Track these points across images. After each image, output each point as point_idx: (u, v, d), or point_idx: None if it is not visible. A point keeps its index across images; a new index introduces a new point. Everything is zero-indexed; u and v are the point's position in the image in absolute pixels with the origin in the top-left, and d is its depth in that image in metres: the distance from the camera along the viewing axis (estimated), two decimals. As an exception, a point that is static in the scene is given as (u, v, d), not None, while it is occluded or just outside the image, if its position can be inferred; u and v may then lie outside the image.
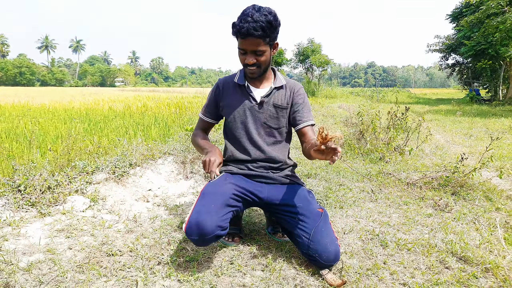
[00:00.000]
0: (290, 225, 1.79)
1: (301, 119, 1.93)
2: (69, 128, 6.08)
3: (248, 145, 1.94)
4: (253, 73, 1.84)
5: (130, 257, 1.78)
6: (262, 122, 1.94)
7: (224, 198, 1.71)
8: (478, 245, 2.00)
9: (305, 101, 1.99)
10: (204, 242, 1.61)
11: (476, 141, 6.03)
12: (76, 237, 1.97)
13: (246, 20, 1.68)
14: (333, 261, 1.67)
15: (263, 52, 1.78)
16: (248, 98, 1.94)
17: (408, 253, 1.93)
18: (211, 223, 1.57)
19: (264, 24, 1.69)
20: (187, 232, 1.59)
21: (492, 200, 2.81)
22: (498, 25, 13.37)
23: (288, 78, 2.06)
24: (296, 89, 1.99)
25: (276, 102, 1.94)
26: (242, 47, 1.77)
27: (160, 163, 3.26)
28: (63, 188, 2.51)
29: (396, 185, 3.16)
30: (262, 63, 1.82)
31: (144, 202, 2.62)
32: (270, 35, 1.75)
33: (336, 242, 1.70)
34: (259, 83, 1.97)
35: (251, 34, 1.68)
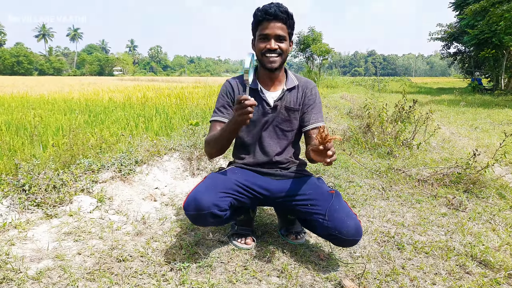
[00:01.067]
0: (304, 213, 1.78)
1: (308, 121, 1.89)
2: (69, 120, 6.01)
3: (257, 152, 1.92)
4: (274, 62, 1.78)
5: (141, 262, 1.73)
6: (275, 125, 1.90)
7: (227, 183, 1.73)
8: (498, 247, 1.95)
9: (316, 102, 1.93)
10: (200, 218, 1.62)
11: (482, 133, 5.97)
12: (85, 241, 1.92)
13: (270, 5, 1.75)
14: (355, 235, 1.64)
15: (285, 39, 1.78)
16: (261, 102, 1.87)
17: (427, 257, 1.87)
18: (209, 199, 1.61)
19: (288, 11, 1.77)
20: (185, 208, 1.63)
21: (505, 198, 2.76)
22: (503, 13, 13.18)
23: (301, 77, 2.00)
24: (309, 89, 1.94)
25: (288, 104, 1.89)
26: (266, 32, 1.74)
27: (166, 159, 3.19)
28: (68, 187, 2.44)
29: (407, 181, 3.11)
30: (284, 51, 1.79)
31: (151, 201, 2.56)
32: (291, 25, 1.80)
33: (354, 216, 1.68)
34: (271, 84, 1.90)
35: (277, 15, 1.71)
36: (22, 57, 70.85)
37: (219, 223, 1.75)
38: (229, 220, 1.85)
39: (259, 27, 1.77)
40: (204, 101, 9.57)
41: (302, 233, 2.06)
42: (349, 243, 1.69)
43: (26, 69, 70.55)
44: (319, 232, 1.76)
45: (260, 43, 1.77)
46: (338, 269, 1.75)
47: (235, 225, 2.01)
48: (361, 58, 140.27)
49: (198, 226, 2.07)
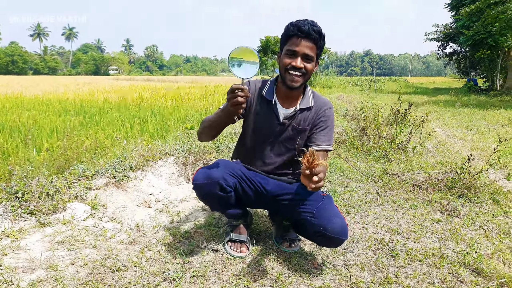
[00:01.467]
0: (294, 212, 1.83)
1: (315, 142, 1.85)
2: (64, 121, 5.98)
3: (258, 161, 1.97)
4: (296, 81, 1.74)
5: (135, 272, 1.72)
6: (280, 141, 1.91)
7: (235, 168, 1.86)
8: (491, 255, 1.96)
9: (328, 124, 1.88)
10: (208, 187, 1.73)
11: (477, 135, 6.00)
12: (78, 250, 1.91)
13: (305, 22, 1.70)
14: (339, 234, 1.68)
15: (312, 59, 1.74)
16: (272, 116, 1.87)
17: (420, 264, 1.88)
18: (218, 172, 1.75)
19: (321, 32, 1.72)
20: (195, 178, 1.76)
21: (499, 203, 2.77)
22: (498, 15, 13.25)
23: (320, 97, 1.94)
24: (322, 111, 1.89)
25: (297, 125, 1.88)
26: (295, 48, 1.70)
27: (160, 164, 3.18)
28: (62, 194, 2.43)
29: (401, 186, 3.12)
30: (308, 71, 1.75)
31: (146, 208, 2.55)
32: (321, 46, 1.76)
33: (341, 216, 1.74)
34: (287, 100, 1.88)
35: (310, 34, 1.68)
36: (16, 56, 70.37)
37: (224, 201, 1.82)
38: (233, 207, 1.92)
39: (289, 42, 1.72)
40: (200, 102, 9.56)
41: (296, 241, 2.06)
42: (334, 242, 1.73)
43: (20, 69, 70.07)
44: (308, 231, 1.80)
45: (286, 58, 1.73)
46: (332, 278, 1.75)
47: (231, 232, 2.01)
48: (358, 58, 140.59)
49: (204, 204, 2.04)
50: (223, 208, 1.92)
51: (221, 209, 1.95)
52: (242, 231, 2.01)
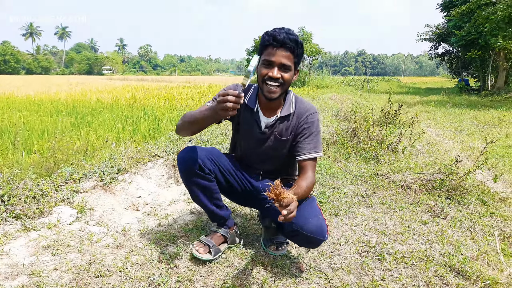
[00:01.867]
0: (276, 212, 1.77)
1: (300, 151, 1.82)
2: (55, 122, 5.92)
3: (246, 165, 1.99)
4: (274, 92, 1.70)
5: (119, 277, 1.71)
6: (263, 150, 1.91)
7: (219, 156, 1.89)
8: (476, 257, 1.98)
9: (312, 130, 1.84)
10: (187, 164, 1.76)
11: (467, 136, 6.04)
12: (63, 255, 1.89)
13: (281, 31, 1.66)
14: (316, 233, 1.66)
15: (289, 69, 1.70)
16: (254, 124, 1.87)
17: (406, 267, 1.89)
18: (198, 153, 1.79)
19: (298, 40, 1.69)
20: (178, 156, 1.81)
21: (486, 204, 2.79)
22: (489, 16, 13.36)
23: (302, 102, 1.90)
24: (304, 117, 1.84)
25: (279, 134, 1.86)
26: (271, 58, 1.66)
27: (150, 167, 3.17)
28: (48, 198, 2.40)
29: (390, 188, 3.13)
30: (286, 81, 1.71)
31: (134, 211, 2.53)
32: (298, 54, 1.72)
33: (320, 217, 1.74)
34: (269, 109, 1.86)
35: (286, 43, 1.64)
36: (8, 55, 69.57)
37: (204, 184, 1.83)
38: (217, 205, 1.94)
39: (265, 52, 1.69)
40: (193, 103, 9.52)
41: (284, 244, 2.06)
42: (312, 242, 1.71)
43: (13, 68, 69.30)
44: (286, 229, 1.77)
45: (262, 68, 1.70)
46: (318, 281, 1.75)
47: (205, 236, 1.99)
48: (351, 58, 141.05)
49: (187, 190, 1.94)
50: (205, 199, 1.87)
51: (203, 201, 1.87)
52: (215, 238, 1.96)
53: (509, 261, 1.93)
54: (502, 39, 13.71)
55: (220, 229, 1.99)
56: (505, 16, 12.59)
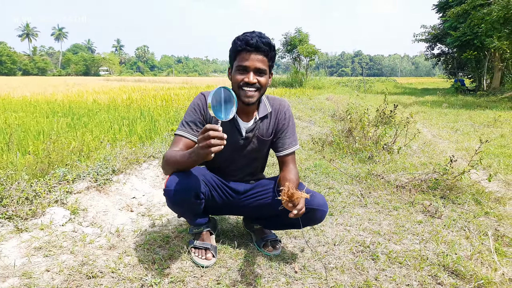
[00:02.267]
0: (270, 206, 1.83)
1: (282, 147, 1.88)
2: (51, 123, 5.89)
3: (227, 174, 1.96)
4: (251, 96, 1.68)
5: (112, 279, 1.69)
6: (245, 154, 1.91)
7: (205, 174, 1.83)
8: (470, 256, 1.98)
9: (290, 125, 1.91)
10: (182, 195, 1.64)
11: (462, 136, 6.07)
12: (55, 256, 1.87)
13: (252, 35, 1.64)
14: (323, 206, 1.76)
15: (265, 72, 1.69)
16: (235, 132, 1.83)
17: (400, 267, 1.89)
18: (193, 180, 1.66)
19: (271, 43, 1.68)
20: (168, 184, 1.63)
21: (481, 204, 2.80)
22: (484, 16, 13.43)
23: (274, 99, 1.92)
24: (281, 113, 1.90)
25: (261, 135, 1.88)
26: (245, 64, 1.64)
27: (145, 167, 3.15)
28: (42, 199, 2.38)
29: (385, 188, 3.13)
30: (263, 85, 1.70)
31: (128, 212, 2.52)
32: (272, 57, 1.72)
33: (317, 193, 1.81)
34: (245, 114, 1.84)
35: (259, 47, 1.63)
36: (5, 56, 69.21)
37: (195, 208, 1.77)
38: (199, 216, 1.90)
39: (238, 57, 1.66)
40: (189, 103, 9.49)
41: (278, 243, 2.06)
42: (319, 216, 1.78)
43: (9, 69, 68.95)
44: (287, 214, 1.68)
45: (237, 74, 1.67)
46: (312, 281, 1.75)
47: (194, 239, 1.96)
48: (348, 59, 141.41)
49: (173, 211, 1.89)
50: (191, 216, 1.88)
51: (190, 217, 1.90)
52: (206, 238, 1.96)
53: (502, 261, 1.93)
54: (497, 40, 13.79)
55: (201, 227, 1.97)
56: (500, 16, 12.66)
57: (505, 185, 3.32)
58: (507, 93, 15.29)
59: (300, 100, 10.58)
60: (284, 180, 1.74)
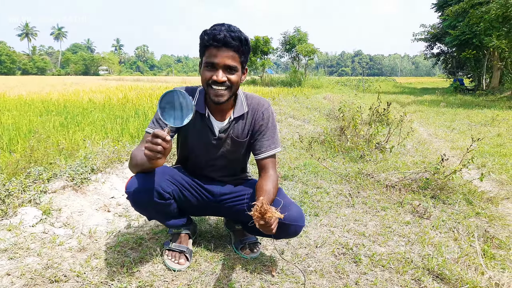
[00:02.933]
0: (245, 211, 1.66)
1: (260, 149, 1.73)
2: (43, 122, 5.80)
3: (202, 176, 1.84)
4: (221, 95, 1.55)
5: (76, 283, 1.60)
6: (220, 155, 1.78)
7: (175, 175, 1.70)
8: (457, 259, 1.89)
9: (269, 126, 1.75)
10: (143, 194, 1.54)
11: (459, 135, 5.98)
12: (20, 258, 1.78)
13: (221, 29, 1.49)
14: (298, 220, 1.62)
15: (236, 69, 1.55)
16: (207, 132, 1.72)
17: (383, 270, 1.80)
18: (154, 179, 1.55)
19: (242, 37, 1.52)
20: (128, 186, 1.56)
21: (472, 204, 2.71)
22: (483, 15, 13.34)
23: (253, 97, 1.78)
24: (259, 114, 1.74)
25: (235, 136, 1.74)
26: (214, 60, 1.50)
27: (126, 166, 3.06)
28: (14, 199, 2.29)
29: (375, 187, 3.04)
30: (234, 84, 1.56)
31: (104, 212, 2.43)
32: (244, 52, 1.57)
33: (295, 204, 1.69)
34: (219, 113, 1.72)
35: (227, 42, 1.48)
36: (4, 56, 69.09)
37: (163, 209, 1.66)
38: (174, 217, 1.77)
39: (206, 53, 1.53)
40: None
41: (257, 246, 1.97)
42: (294, 230, 1.65)
43: (8, 69, 68.82)
44: None
45: (206, 71, 1.54)
46: (289, 285, 1.66)
47: (170, 241, 1.88)
48: (348, 58, 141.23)
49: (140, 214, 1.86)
50: (162, 218, 1.76)
51: (160, 219, 1.78)
52: (183, 240, 1.87)
53: (490, 263, 1.85)
54: (496, 39, 13.69)
55: (180, 228, 1.88)
56: (499, 15, 12.56)
57: (498, 184, 3.23)
58: (506, 92, 15.19)
59: (297, 99, 10.49)
60: (260, 190, 1.58)
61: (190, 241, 1.92)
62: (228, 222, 2.13)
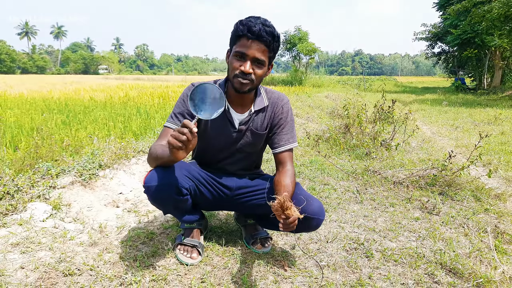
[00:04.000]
0: (264, 206, 1.69)
1: (278, 143, 1.74)
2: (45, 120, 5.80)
3: (219, 169, 1.84)
4: (245, 85, 1.56)
5: (90, 276, 1.60)
6: (238, 148, 1.79)
7: (191, 170, 1.68)
8: (469, 254, 1.89)
9: (287, 120, 1.77)
10: (162, 191, 1.55)
11: (462, 133, 5.97)
12: (33, 252, 1.78)
13: (256, 22, 1.50)
14: (319, 214, 1.64)
15: (263, 63, 1.56)
16: (227, 124, 1.72)
17: (395, 265, 1.80)
18: (173, 174, 1.56)
19: (275, 33, 1.54)
20: (146, 180, 1.55)
21: (480, 200, 2.71)
22: (485, 14, 13.33)
23: (273, 92, 1.81)
24: (279, 107, 1.76)
25: (255, 128, 1.75)
26: (244, 51, 1.51)
27: (133, 162, 3.06)
28: (24, 194, 2.29)
29: (382, 184, 3.04)
30: (258, 77, 1.57)
31: (113, 208, 2.42)
32: (274, 48, 1.59)
33: (316, 198, 1.70)
34: (240, 105, 1.73)
35: (261, 36, 1.49)
36: (4, 55, 68.96)
37: (179, 205, 1.66)
38: (188, 212, 1.79)
39: (238, 42, 1.53)
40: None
41: (268, 241, 1.96)
42: (314, 224, 1.66)
43: (8, 68, 68.70)
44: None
45: (234, 60, 1.55)
46: (302, 280, 1.65)
47: (182, 235, 1.88)
48: (348, 57, 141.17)
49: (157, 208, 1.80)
50: (178, 213, 1.77)
51: (175, 214, 1.79)
52: (195, 235, 1.86)
53: (503, 258, 1.84)
54: (498, 38, 13.68)
55: (194, 223, 1.88)
56: (501, 14, 12.55)
57: (506, 181, 3.23)
58: (508, 92, 15.18)
59: (299, 97, 10.48)
60: (279, 185, 1.60)
61: (202, 236, 1.92)
62: (239, 217, 2.13)
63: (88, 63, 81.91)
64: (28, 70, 74.03)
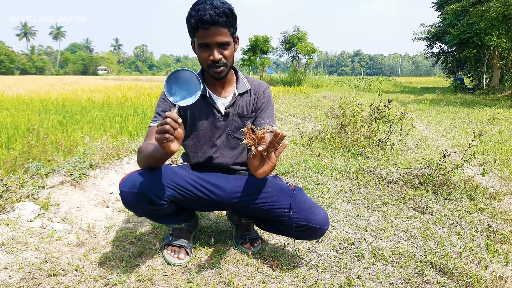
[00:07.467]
0: (266, 211, 1.67)
1: (261, 125, 1.75)
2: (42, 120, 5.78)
3: (211, 163, 1.80)
4: (221, 72, 1.59)
5: (74, 277, 1.58)
6: (228, 134, 1.77)
7: (175, 177, 1.58)
8: (459, 253, 1.86)
9: (269, 104, 1.81)
10: (134, 198, 1.47)
11: (460, 133, 5.96)
12: (18, 253, 1.76)
13: (205, 8, 1.47)
14: (324, 224, 1.63)
15: (228, 44, 1.56)
16: (211, 110, 1.72)
17: (385, 264, 1.77)
18: (149, 182, 1.48)
19: (227, 11, 1.51)
20: (121, 185, 1.49)
21: (474, 199, 2.69)
22: (483, 13, 13.32)
23: (253, 79, 1.85)
24: (261, 92, 1.80)
25: (241, 111, 1.76)
26: (205, 41, 1.51)
27: (125, 162, 3.04)
28: (12, 194, 2.27)
29: (376, 183, 3.02)
30: (228, 58, 1.59)
31: (103, 208, 2.40)
32: (233, 24, 1.57)
33: (321, 207, 1.68)
34: (221, 89, 1.74)
35: (215, 21, 1.47)
36: (3, 56, 68.92)
37: (156, 212, 1.60)
38: (170, 217, 1.74)
39: (197, 34, 1.52)
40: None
41: (258, 240, 1.94)
42: (319, 233, 1.65)
43: (7, 68, 68.67)
44: (286, 226, 1.66)
45: (201, 52, 1.56)
46: (290, 280, 1.63)
47: (170, 235, 1.85)
48: (348, 58, 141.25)
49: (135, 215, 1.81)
50: (156, 219, 1.73)
51: (153, 220, 1.74)
52: (184, 235, 1.83)
53: (493, 258, 1.82)
54: (496, 37, 13.67)
55: (182, 223, 1.85)
56: (499, 13, 12.54)
57: (500, 180, 3.21)
58: (506, 91, 15.18)
59: (297, 97, 10.47)
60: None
61: (191, 236, 1.90)
62: (232, 215, 2.08)
63: (87, 64, 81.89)
64: (27, 71, 74.03)
